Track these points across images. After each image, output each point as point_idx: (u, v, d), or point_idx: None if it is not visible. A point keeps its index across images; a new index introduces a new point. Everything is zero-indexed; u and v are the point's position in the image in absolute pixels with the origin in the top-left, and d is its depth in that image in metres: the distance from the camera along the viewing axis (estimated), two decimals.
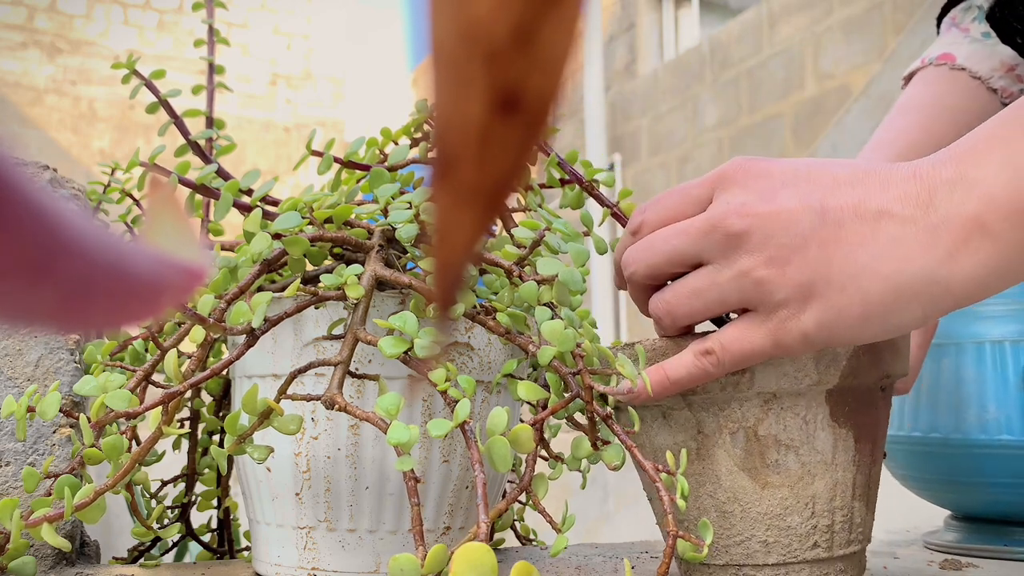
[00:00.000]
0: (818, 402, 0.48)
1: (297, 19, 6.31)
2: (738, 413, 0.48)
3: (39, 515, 0.50)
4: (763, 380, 0.47)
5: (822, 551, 0.49)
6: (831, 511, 0.49)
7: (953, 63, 0.76)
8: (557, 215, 0.59)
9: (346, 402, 0.48)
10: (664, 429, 0.50)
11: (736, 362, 0.46)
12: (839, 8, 3.55)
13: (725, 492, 0.49)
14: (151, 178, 0.56)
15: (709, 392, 0.48)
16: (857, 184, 0.43)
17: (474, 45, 0.12)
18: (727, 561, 0.50)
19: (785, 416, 0.48)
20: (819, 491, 0.48)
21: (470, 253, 0.14)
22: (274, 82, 6.20)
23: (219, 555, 0.71)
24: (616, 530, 3.11)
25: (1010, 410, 0.65)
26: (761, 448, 0.48)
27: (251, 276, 0.52)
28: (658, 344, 0.50)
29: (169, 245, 0.17)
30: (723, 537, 0.49)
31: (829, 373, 0.47)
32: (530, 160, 0.13)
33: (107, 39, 5.72)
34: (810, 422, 0.48)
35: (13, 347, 0.63)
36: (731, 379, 0.47)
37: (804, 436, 0.48)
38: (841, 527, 0.49)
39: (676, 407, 0.50)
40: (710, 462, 0.49)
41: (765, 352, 0.45)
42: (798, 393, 0.48)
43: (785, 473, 0.48)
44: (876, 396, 0.50)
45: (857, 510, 0.50)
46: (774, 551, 0.49)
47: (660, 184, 4.25)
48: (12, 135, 0.32)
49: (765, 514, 0.48)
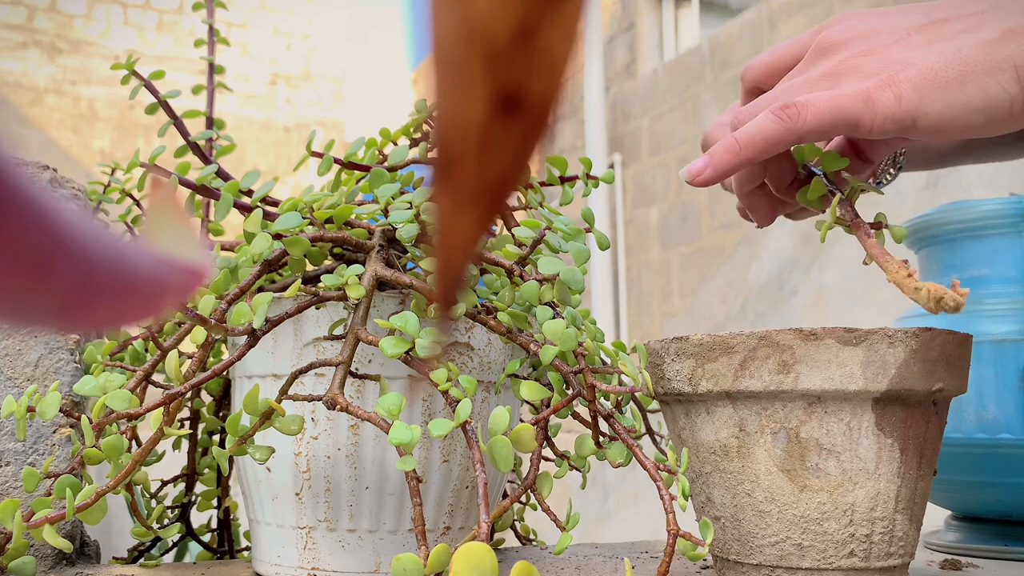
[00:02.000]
0: (863, 408, 0.47)
1: (297, 19, 6.31)
2: (781, 413, 0.48)
3: (40, 516, 0.50)
4: (808, 381, 0.46)
5: (859, 560, 0.48)
6: (871, 521, 0.48)
7: None
8: (558, 212, 0.59)
9: (348, 402, 0.48)
10: (708, 425, 0.50)
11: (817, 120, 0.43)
12: (839, 8, 3.55)
13: (763, 491, 0.48)
14: (151, 178, 0.56)
15: (752, 389, 0.47)
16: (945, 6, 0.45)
17: (475, 45, 0.12)
18: (760, 561, 0.49)
19: (828, 420, 0.47)
20: (859, 499, 0.48)
21: (471, 253, 0.14)
22: (274, 82, 6.20)
23: (219, 555, 0.71)
24: (616, 530, 3.11)
25: (1010, 410, 0.65)
26: (802, 450, 0.47)
27: (252, 276, 0.52)
28: (705, 339, 0.49)
29: (169, 245, 0.17)
30: (758, 536, 0.49)
31: (877, 380, 0.46)
32: (531, 160, 0.13)
33: (107, 39, 5.72)
34: (854, 428, 0.47)
35: (13, 347, 0.63)
36: (775, 378, 0.47)
37: (847, 442, 0.47)
38: (881, 538, 0.48)
39: (720, 403, 0.49)
40: (750, 460, 0.48)
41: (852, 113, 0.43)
42: (843, 398, 0.47)
43: (825, 478, 0.47)
44: (927, 409, 0.49)
45: (899, 523, 0.49)
46: (808, 555, 0.48)
47: (660, 184, 4.25)
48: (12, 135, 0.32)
49: (802, 517, 0.48)
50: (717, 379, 0.48)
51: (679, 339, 0.50)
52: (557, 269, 0.51)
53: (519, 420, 0.58)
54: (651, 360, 0.51)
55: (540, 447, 0.50)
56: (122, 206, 0.70)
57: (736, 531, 0.50)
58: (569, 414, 0.52)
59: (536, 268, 0.52)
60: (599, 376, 0.50)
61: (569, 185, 0.63)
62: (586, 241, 0.58)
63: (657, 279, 4.23)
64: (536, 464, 0.50)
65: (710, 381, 0.48)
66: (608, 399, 0.53)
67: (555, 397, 0.50)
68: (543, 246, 0.54)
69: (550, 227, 0.54)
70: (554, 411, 0.49)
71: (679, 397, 0.51)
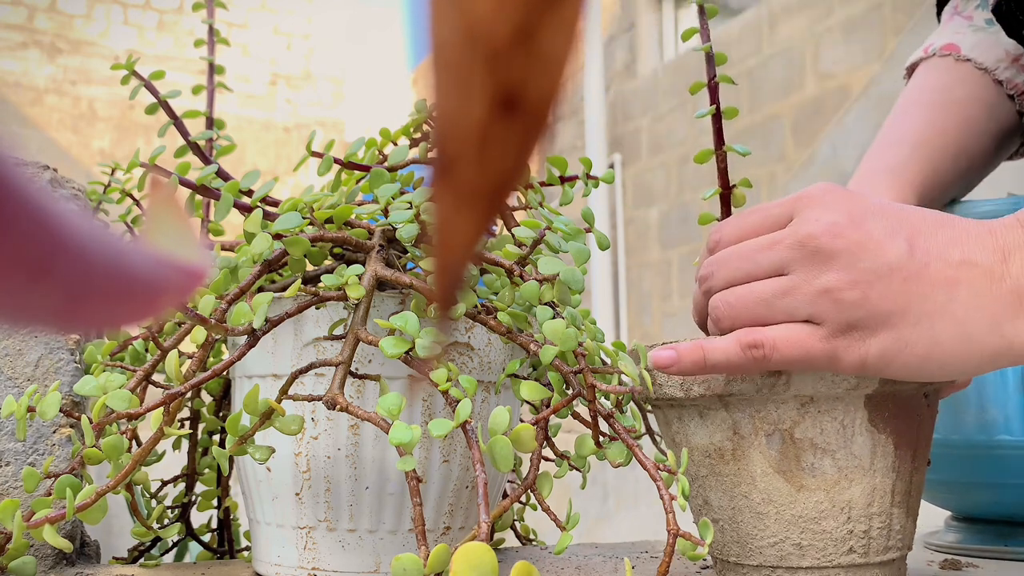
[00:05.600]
0: (856, 407, 0.47)
1: (297, 19, 6.31)
2: (774, 415, 0.48)
3: (41, 516, 0.50)
4: (800, 383, 0.47)
5: (858, 557, 0.48)
6: (868, 516, 0.48)
7: (958, 54, 0.75)
8: (558, 212, 0.59)
9: (348, 402, 0.48)
10: (701, 428, 0.50)
11: (783, 363, 0.45)
12: (839, 8, 3.55)
13: (760, 493, 0.48)
14: (151, 179, 0.56)
15: (745, 393, 0.48)
16: (943, 227, 0.44)
17: (474, 45, 0.12)
18: (760, 562, 0.49)
19: (822, 420, 0.47)
20: (856, 496, 0.48)
21: (471, 253, 0.14)
22: (274, 82, 6.20)
23: (219, 555, 0.71)
24: (616, 530, 3.11)
25: (1009, 410, 0.65)
26: (797, 451, 0.48)
27: (252, 276, 0.52)
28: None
29: (169, 245, 0.17)
30: (757, 538, 0.49)
31: (868, 378, 0.47)
32: (531, 160, 0.13)
33: (107, 39, 5.72)
34: (847, 426, 0.47)
35: (13, 347, 0.63)
36: (767, 380, 0.47)
37: (841, 440, 0.47)
38: (879, 533, 0.49)
39: (713, 407, 0.49)
40: (745, 463, 0.49)
41: (816, 364, 0.45)
42: (836, 397, 0.47)
43: (821, 476, 0.48)
44: (919, 403, 0.49)
45: (896, 517, 0.49)
46: (808, 554, 0.48)
47: (660, 184, 4.25)
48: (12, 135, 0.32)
49: (800, 517, 0.48)
50: (709, 383, 0.48)
51: (670, 344, 0.50)
52: (557, 269, 0.51)
53: (519, 420, 0.58)
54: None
55: (540, 447, 0.50)
56: (122, 206, 0.70)
57: (735, 533, 0.50)
58: (569, 414, 0.52)
59: (536, 268, 0.52)
60: (599, 376, 0.50)
61: (569, 185, 0.63)
62: (586, 241, 0.58)
63: (657, 279, 4.23)
64: (536, 464, 0.50)
65: (702, 385, 0.48)
66: (608, 399, 0.53)
67: (555, 397, 0.50)
68: (543, 246, 0.54)
69: (550, 227, 0.54)
70: (554, 411, 0.49)
71: (671, 402, 0.51)
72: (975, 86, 0.74)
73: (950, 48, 0.75)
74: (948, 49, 0.76)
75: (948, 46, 0.76)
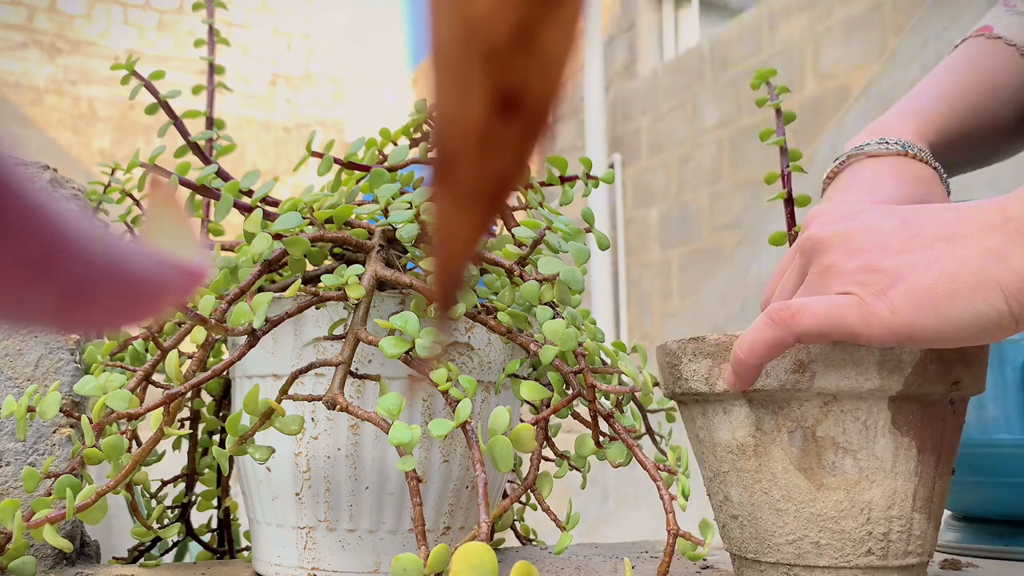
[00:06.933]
0: (879, 407, 0.47)
1: (297, 19, 6.31)
2: (797, 412, 0.48)
3: (40, 516, 0.50)
4: (824, 380, 0.47)
5: (876, 559, 0.48)
6: (888, 519, 0.48)
7: (990, 33, 0.77)
8: (558, 212, 0.59)
9: (348, 402, 0.48)
10: (724, 424, 0.50)
11: (813, 324, 0.44)
12: (839, 8, 3.55)
13: (780, 490, 0.48)
14: (151, 179, 0.56)
15: (768, 389, 0.48)
16: (935, 207, 0.46)
17: (474, 45, 0.12)
18: (778, 559, 0.49)
19: (844, 419, 0.47)
20: (876, 497, 0.48)
21: (470, 253, 0.14)
22: (274, 82, 6.20)
23: (219, 555, 0.71)
24: (616, 530, 3.11)
25: (1009, 410, 0.65)
26: (818, 449, 0.48)
27: (252, 276, 0.52)
28: (722, 339, 0.49)
29: (169, 245, 0.17)
30: (775, 535, 0.49)
31: (892, 379, 0.46)
32: (530, 160, 0.13)
33: (107, 39, 5.72)
34: (870, 427, 0.47)
35: (13, 347, 0.63)
36: (791, 377, 0.47)
37: (863, 440, 0.47)
38: (898, 537, 0.48)
39: (736, 403, 0.49)
40: (767, 459, 0.49)
41: (848, 321, 0.43)
42: (859, 396, 0.47)
43: (842, 476, 0.47)
44: (944, 408, 0.49)
45: (917, 522, 0.49)
46: (826, 553, 0.48)
47: (660, 184, 4.25)
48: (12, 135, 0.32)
49: (819, 515, 0.48)
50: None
51: (696, 339, 0.50)
52: (557, 269, 0.51)
53: (519, 420, 0.58)
54: (668, 360, 0.52)
55: (540, 447, 0.50)
56: (122, 206, 0.70)
57: (754, 529, 0.50)
58: (569, 414, 0.52)
59: (536, 268, 0.52)
60: (599, 376, 0.50)
61: (569, 185, 0.63)
62: (586, 241, 0.58)
63: (657, 279, 4.23)
64: (536, 464, 0.50)
65: (727, 381, 0.48)
66: (608, 399, 0.53)
67: (555, 397, 0.50)
68: (543, 246, 0.54)
69: (550, 227, 0.54)
70: (554, 411, 0.49)
71: (696, 397, 0.51)
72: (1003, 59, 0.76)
73: (984, 29, 0.78)
74: (982, 30, 0.78)
75: (983, 28, 0.78)
